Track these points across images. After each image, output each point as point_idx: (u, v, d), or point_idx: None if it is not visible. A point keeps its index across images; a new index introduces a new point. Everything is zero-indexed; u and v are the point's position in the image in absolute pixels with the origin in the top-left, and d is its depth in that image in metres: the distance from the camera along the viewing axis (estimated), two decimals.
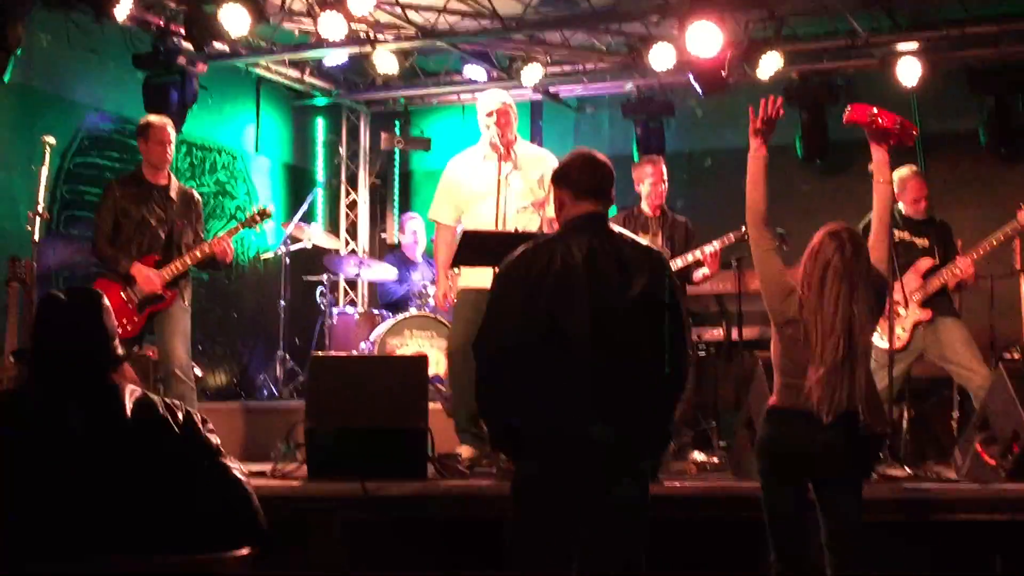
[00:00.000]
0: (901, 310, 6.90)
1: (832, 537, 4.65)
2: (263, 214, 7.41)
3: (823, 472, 4.61)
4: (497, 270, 4.09)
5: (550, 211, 5.55)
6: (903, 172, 7.17)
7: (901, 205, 7.12)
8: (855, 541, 4.65)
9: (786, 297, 4.60)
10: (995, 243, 6.99)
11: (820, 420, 4.48)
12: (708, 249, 7.38)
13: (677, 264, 7.41)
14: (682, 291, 4.14)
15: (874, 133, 5.06)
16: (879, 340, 6.61)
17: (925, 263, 7.02)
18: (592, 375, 3.86)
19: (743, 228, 6.94)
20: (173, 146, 7.19)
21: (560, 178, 4.17)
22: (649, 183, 7.67)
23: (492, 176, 6.68)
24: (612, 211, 7.25)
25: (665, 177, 7.73)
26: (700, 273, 7.55)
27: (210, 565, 3.35)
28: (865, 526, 4.68)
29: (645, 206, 7.72)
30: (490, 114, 6.86)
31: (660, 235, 7.62)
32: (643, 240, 4.19)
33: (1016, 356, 7.96)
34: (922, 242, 7.13)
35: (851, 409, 4.47)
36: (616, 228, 4.11)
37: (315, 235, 10.15)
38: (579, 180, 4.10)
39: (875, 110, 5.02)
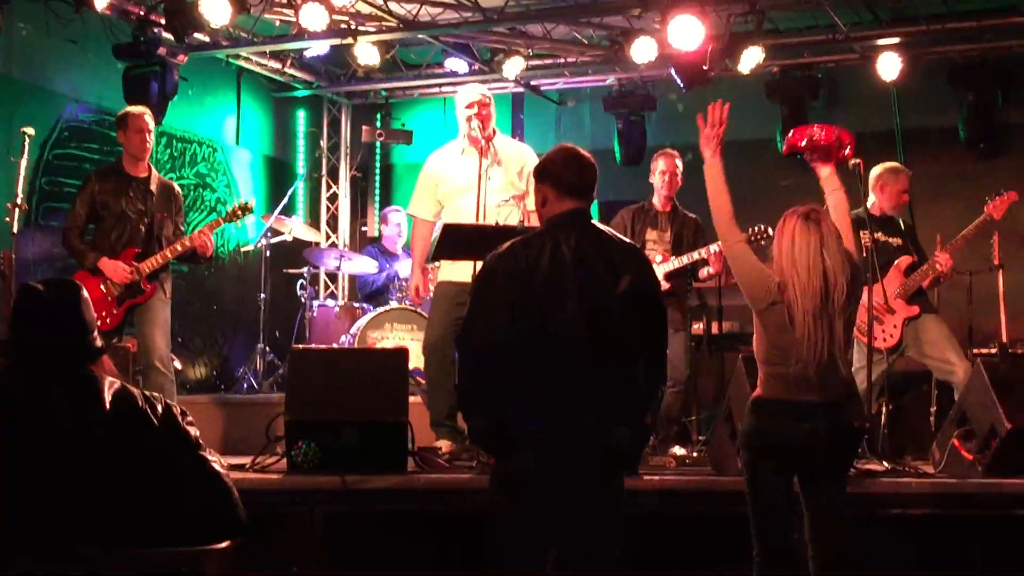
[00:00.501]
0: (889, 309, 6.91)
1: (816, 530, 4.69)
2: (244, 209, 7.38)
3: (808, 463, 4.64)
4: (483, 263, 4.07)
5: (530, 204, 5.55)
6: (889, 166, 7.21)
7: (872, 203, 7.11)
8: (839, 534, 4.69)
9: (764, 281, 4.66)
10: (968, 236, 7.03)
11: (805, 411, 4.55)
12: (713, 248, 7.33)
13: (683, 261, 7.44)
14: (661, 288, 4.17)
15: (817, 153, 5.11)
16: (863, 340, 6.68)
17: (905, 261, 7.05)
18: (586, 371, 3.87)
19: (750, 230, 7.00)
20: (152, 136, 7.16)
21: (544, 174, 4.16)
22: (658, 174, 7.69)
23: (472, 170, 6.66)
24: (594, 207, 7.25)
25: (679, 171, 7.71)
26: (705, 271, 7.55)
27: (190, 558, 3.35)
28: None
29: (656, 200, 7.72)
30: (469, 106, 6.85)
31: (669, 231, 7.63)
32: (626, 238, 4.19)
33: (994, 351, 7.99)
34: (896, 241, 7.15)
35: (833, 385, 4.58)
36: (599, 225, 4.12)
37: (295, 228, 10.12)
38: (564, 177, 4.10)
39: (815, 127, 5.05)
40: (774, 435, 4.64)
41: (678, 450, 7.04)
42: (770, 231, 7.26)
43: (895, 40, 9.51)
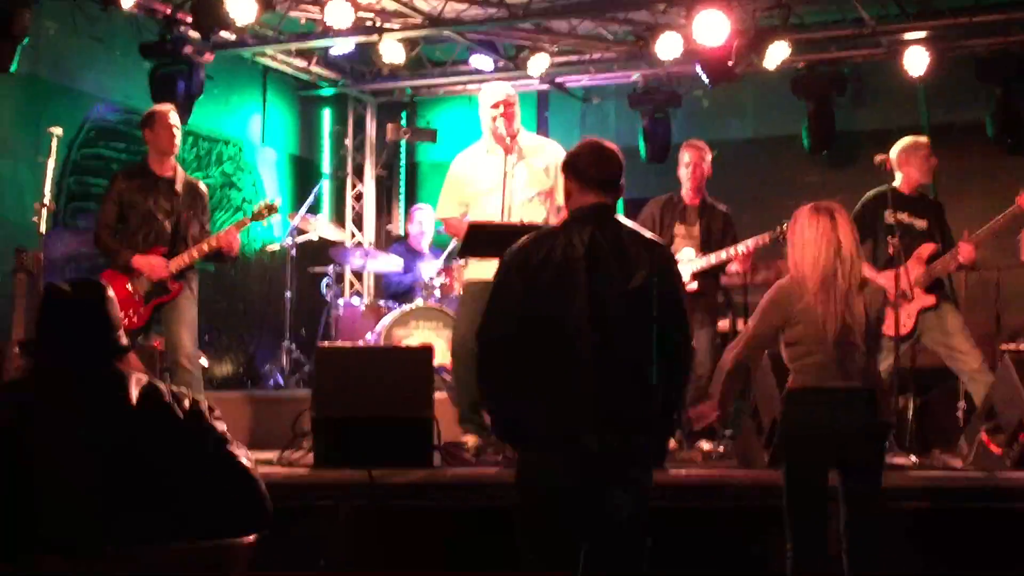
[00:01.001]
0: (905, 296, 6.88)
1: (851, 523, 4.71)
2: (270, 208, 7.39)
3: (841, 454, 4.67)
4: (500, 260, 4.11)
5: (559, 199, 5.55)
6: (905, 140, 7.15)
7: (899, 181, 7.05)
8: (874, 528, 4.69)
9: (787, 307, 4.76)
10: (996, 228, 6.95)
11: (834, 397, 4.65)
12: (740, 248, 7.28)
13: (711, 261, 7.37)
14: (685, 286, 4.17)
15: None
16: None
17: (927, 249, 6.98)
18: (594, 366, 3.87)
19: (778, 228, 6.99)
20: (180, 132, 7.19)
21: (569, 167, 4.18)
22: (684, 165, 7.57)
23: (497, 169, 6.66)
24: (619, 204, 7.24)
25: (706, 162, 7.58)
26: (734, 267, 7.49)
27: (217, 552, 3.36)
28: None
29: (684, 192, 7.61)
30: (495, 105, 6.83)
31: (697, 225, 7.52)
32: (648, 233, 4.18)
33: (1022, 346, 7.94)
34: (921, 223, 7.05)
35: (865, 375, 4.70)
36: (622, 220, 4.12)
37: (321, 226, 10.14)
38: (586, 170, 4.11)
39: None
40: (811, 424, 4.70)
41: (705, 444, 7.03)
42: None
43: (922, 34, 9.46)
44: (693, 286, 7.18)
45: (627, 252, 3.97)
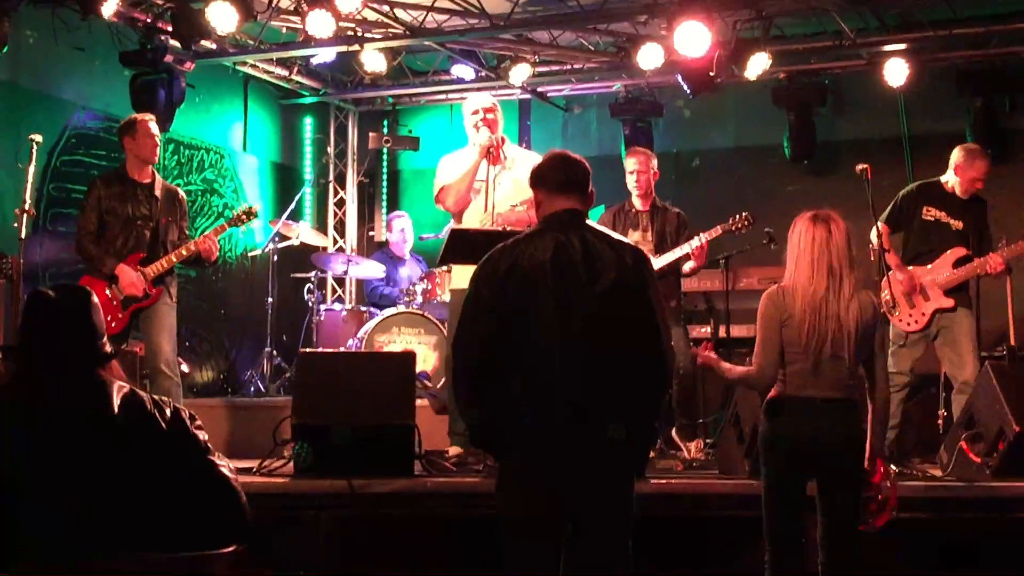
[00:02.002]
0: (924, 293, 6.91)
1: (828, 536, 4.71)
2: (249, 213, 7.40)
3: (819, 464, 4.67)
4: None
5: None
6: (968, 148, 7.16)
7: (951, 181, 7.06)
8: (851, 541, 4.71)
9: (778, 314, 4.74)
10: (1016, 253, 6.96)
11: (820, 406, 4.65)
12: (694, 243, 7.32)
13: (667, 259, 7.39)
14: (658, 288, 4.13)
15: None
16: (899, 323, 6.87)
17: (958, 252, 6.98)
18: (566, 373, 3.86)
19: (730, 220, 7.08)
20: (160, 141, 7.19)
21: (535, 177, 4.21)
22: (629, 172, 7.61)
23: (480, 176, 6.69)
24: (600, 210, 7.23)
25: (653, 168, 7.64)
26: (688, 266, 7.51)
27: (197, 563, 3.35)
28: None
29: (635, 200, 7.65)
30: (475, 112, 6.87)
31: (651, 230, 7.55)
32: (617, 235, 4.16)
33: (1003, 353, 7.97)
34: (957, 224, 7.04)
35: (846, 384, 4.68)
36: (592, 224, 4.11)
37: (303, 232, 10.14)
38: (551, 177, 4.14)
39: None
40: (792, 434, 4.71)
41: (685, 453, 7.05)
42: (749, 221, 7.37)
43: (902, 46, 9.50)
44: None
45: (594, 255, 3.95)
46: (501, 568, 3.96)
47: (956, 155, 7.08)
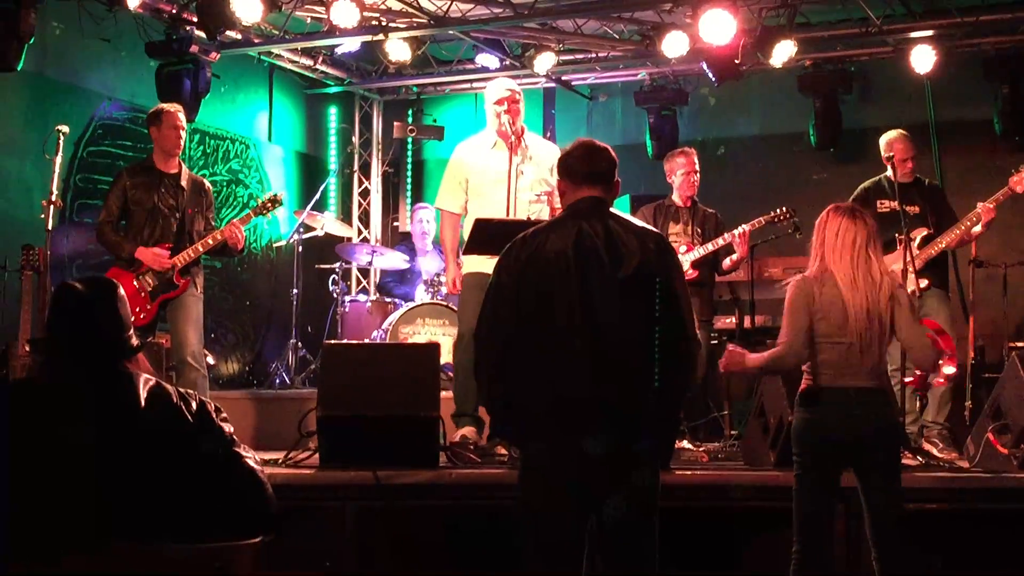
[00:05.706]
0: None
1: (877, 529, 4.70)
2: (274, 201, 7.42)
3: (857, 455, 4.66)
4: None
5: (557, 201, 5.55)
6: (891, 135, 7.30)
7: (888, 172, 7.15)
8: (900, 532, 4.69)
9: (809, 302, 4.76)
10: (999, 200, 7.05)
11: (850, 397, 4.66)
12: (737, 231, 7.43)
13: (708, 248, 7.51)
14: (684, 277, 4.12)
15: None
16: None
17: (918, 233, 7.09)
18: (589, 363, 3.84)
19: (772, 212, 7.12)
20: (185, 132, 7.21)
21: (560, 166, 4.21)
22: (681, 174, 7.74)
23: (502, 165, 6.68)
24: (626, 200, 7.22)
25: (697, 168, 7.78)
26: (728, 260, 7.55)
27: (223, 553, 3.37)
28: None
29: (676, 197, 7.77)
30: (499, 102, 6.87)
31: (691, 223, 7.66)
32: (640, 223, 4.16)
33: None
34: (913, 208, 7.17)
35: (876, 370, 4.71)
36: (616, 212, 4.10)
37: (328, 223, 10.16)
38: (576, 167, 4.13)
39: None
40: (826, 425, 4.71)
41: (711, 444, 7.05)
42: (791, 214, 7.41)
43: (928, 32, 9.42)
44: (691, 274, 7.24)
45: (617, 242, 3.94)
46: (524, 558, 3.96)
47: (881, 146, 7.25)
